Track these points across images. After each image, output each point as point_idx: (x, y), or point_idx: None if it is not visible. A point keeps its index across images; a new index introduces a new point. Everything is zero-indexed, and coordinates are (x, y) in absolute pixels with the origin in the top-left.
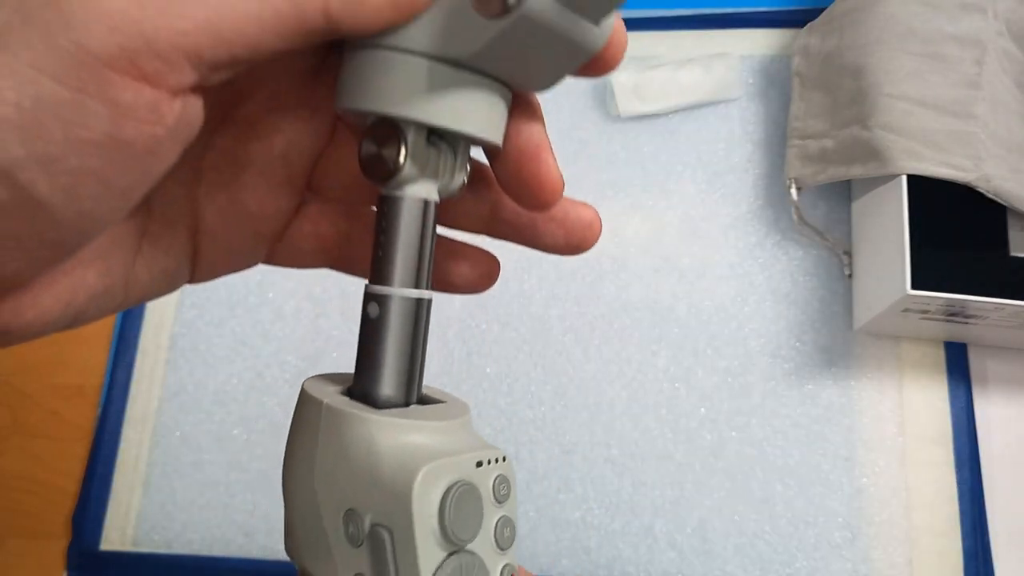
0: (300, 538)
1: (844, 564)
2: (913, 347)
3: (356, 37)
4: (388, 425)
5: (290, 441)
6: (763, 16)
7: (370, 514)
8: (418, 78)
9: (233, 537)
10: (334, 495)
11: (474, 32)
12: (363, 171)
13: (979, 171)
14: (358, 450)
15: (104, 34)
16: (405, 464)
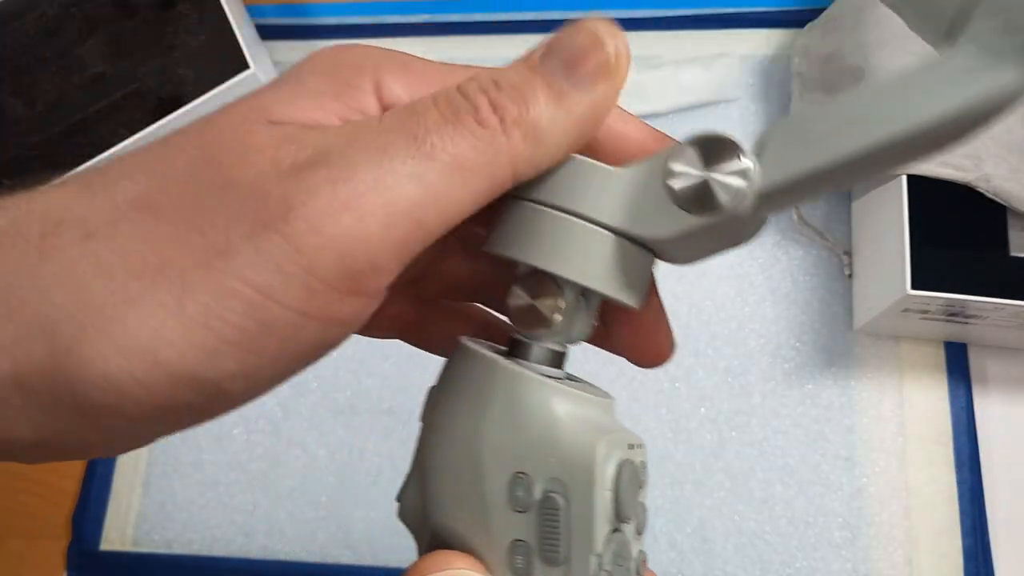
0: (446, 499)
1: (844, 564)
2: (913, 347)
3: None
4: (567, 393)
5: (446, 397)
6: (763, 16)
7: (542, 480)
8: (591, 245)
9: (233, 537)
10: (501, 457)
11: (669, 219)
12: (511, 317)
13: (979, 171)
14: (535, 415)
15: (332, 261)
16: (583, 434)
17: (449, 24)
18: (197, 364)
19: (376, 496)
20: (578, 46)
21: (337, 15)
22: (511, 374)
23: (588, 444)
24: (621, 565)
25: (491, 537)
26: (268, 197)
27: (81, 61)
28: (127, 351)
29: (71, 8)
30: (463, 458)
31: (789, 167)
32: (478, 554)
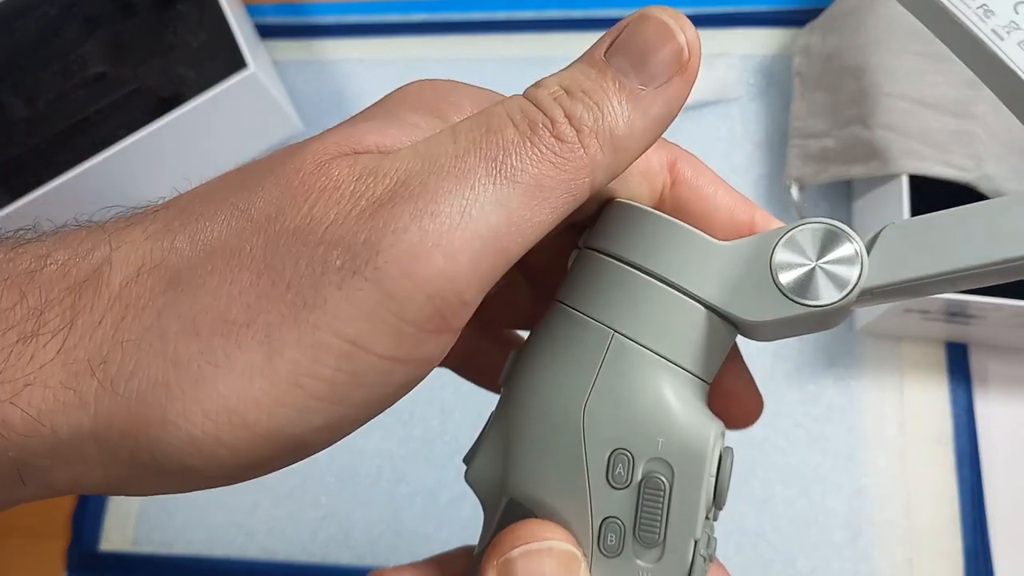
0: (536, 470)
1: (844, 564)
2: (914, 347)
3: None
4: (678, 374)
5: (547, 362)
6: (764, 15)
7: (645, 459)
8: (681, 318)
9: (233, 537)
10: (604, 430)
11: (770, 304)
12: None
13: (980, 171)
14: (646, 391)
15: (424, 302)
16: (698, 420)
17: (449, 23)
18: (286, 423)
19: (376, 496)
20: (647, 39)
21: (337, 14)
22: (621, 348)
23: (701, 430)
24: (711, 549)
25: (583, 512)
26: (353, 240)
27: (81, 61)
28: (214, 414)
29: (71, 8)
30: (561, 428)
31: (902, 270)
32: (567, 525)
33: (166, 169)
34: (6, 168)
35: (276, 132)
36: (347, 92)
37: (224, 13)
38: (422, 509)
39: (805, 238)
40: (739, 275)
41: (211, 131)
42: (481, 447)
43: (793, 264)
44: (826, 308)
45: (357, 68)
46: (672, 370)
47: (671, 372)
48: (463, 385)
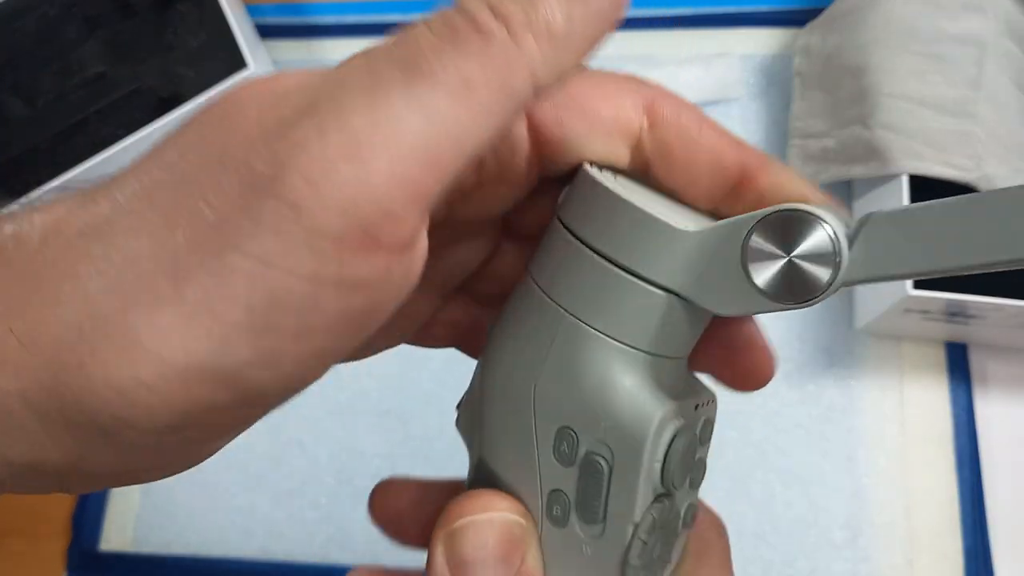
0: (494, 435)
1: (844, 564)
2: (914, 347)
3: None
4: (629, 356)
5: (511, 334)
6: (764, 15)
7: (589, 440)
8: (648, 308)
9: (233, 537)
10: (553, 407)
11: (741, 299)
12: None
13: (980, 171)
14: (593, 373)
15: (336, 215)
16: (642, 404)
17: None
18: (206, 355)
19: None
20: None
21: (336, 14)
22: (574, 327)
23: (643, 415)
24: (662, 529)
25: (533, 482)
26: (257, 160)
27: (81, 61)
28: (129, 354)
29: (71, 8)
30: (514, 401)
31: (887, 266)
32: (518, 494)
33: None
34: (6, 168)
35: None
36: None
37: (224, 13)
38: None
39: (778, 227)
40: (707, 266)
41: None
42: (465, 400)
43: (765, 257)
44: (801, 306)
45: None
46: (625, 352)
47: (623, 354)
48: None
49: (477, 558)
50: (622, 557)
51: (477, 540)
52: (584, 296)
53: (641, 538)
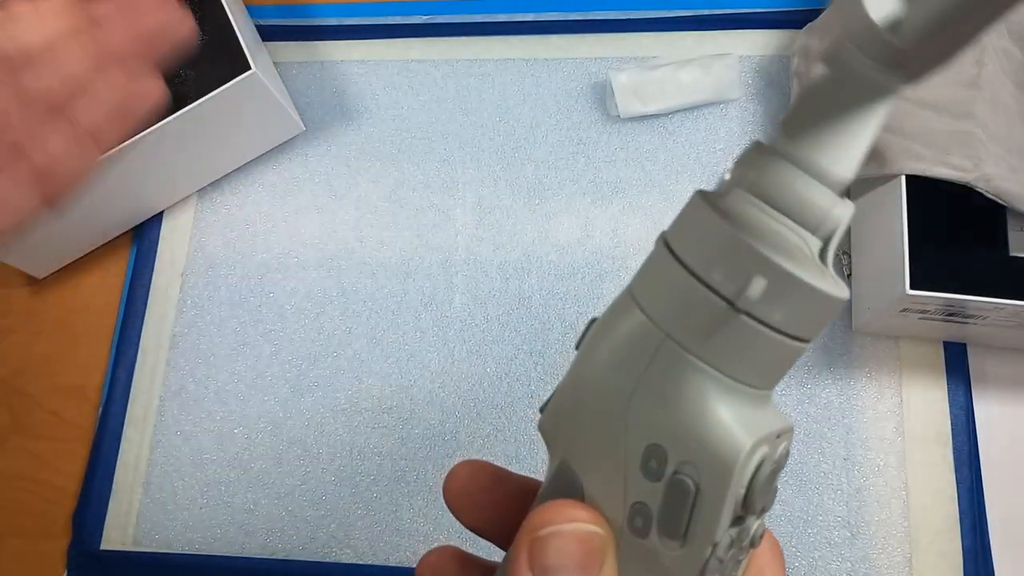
0: (583, 441)
1: (843, 564)
2: (912, 347)
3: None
4: (725, 385)
5: (609, 347)
6: (763, 16)
7: (678, 459)
8: (738, 332)
9: (234, 537)
10: (645, 424)
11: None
12: None
13: (978, 171)
14: (688, 398)
15: None
16: (732, 432)
17: (449, 25)
18: None
19: (376, 495)
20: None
21: (337, 16)
22: (674, 352)
23: (734, 444)
24: (738, 548)
25: (617, 492)
26: None
27: None
28: None
29: None
30: (607, 412)
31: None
32: (600, 501)
33: (167, 170)
34: None
35: (277, 133)
36: (348, 93)
37: (225, 14)
38: (422, 509)
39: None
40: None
41: (212, 132)
42: (551, 402)
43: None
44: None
45: (358, 69)
46: (719, 380)
47: (717, 382)
48: (463, 384)
49: (559, 565)
50: (698, 573)
51: (560, 548)
52: (686, 324)
53: (718, 556)
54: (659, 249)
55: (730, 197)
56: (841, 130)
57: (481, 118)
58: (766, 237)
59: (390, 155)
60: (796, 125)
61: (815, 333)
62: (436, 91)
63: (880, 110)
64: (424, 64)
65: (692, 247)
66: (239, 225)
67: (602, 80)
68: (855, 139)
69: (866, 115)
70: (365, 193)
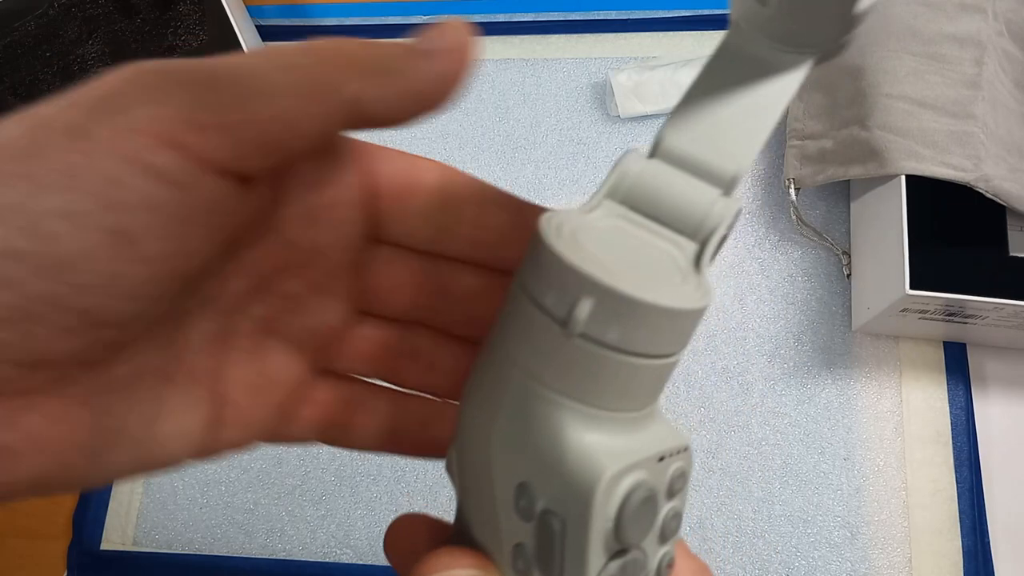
0: (466, 488)
1: (843, 564)
2: (912, 347)
3: (386, 125)
4: (580, 412)
5: (474, 383)
6: None
7: (544, 497)
8: (589, 360)
9: (234, 536)
10: (510, 464)
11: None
12: None
13: (978, 171)
14: (542, 431)
15: (144, 107)
16: (590, 462)
17: None
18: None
19: (376, 495)
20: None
21: (337, 15)
22: (523, 383)
23: (592, 473)
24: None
25: (498, 536)
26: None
27: (81, 61)
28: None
29: (71, 8)
30: (476, 453)
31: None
32: (486, 544)
33: None
34: None
35: None
36: None
37: (226, 14)
38: (422, 508)
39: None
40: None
41: None
42: (452, 446)
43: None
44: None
45: None
46: (573, 408)
47: (571, 411)
48: None
49: None
50: None
51: None
52: (532, 353)
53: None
54: (513, 284)
55: (597, 212)
56: (725, 117)
57: (481, 118)
58: (617, 251)
59: None
60: (679, 119)
61: (675, 346)
62: None
63: (769, 92)
64: None
65: (531, 273)
66: None
67: (602, 80)
68: (742, 127)
69: (753, 98)
70: None
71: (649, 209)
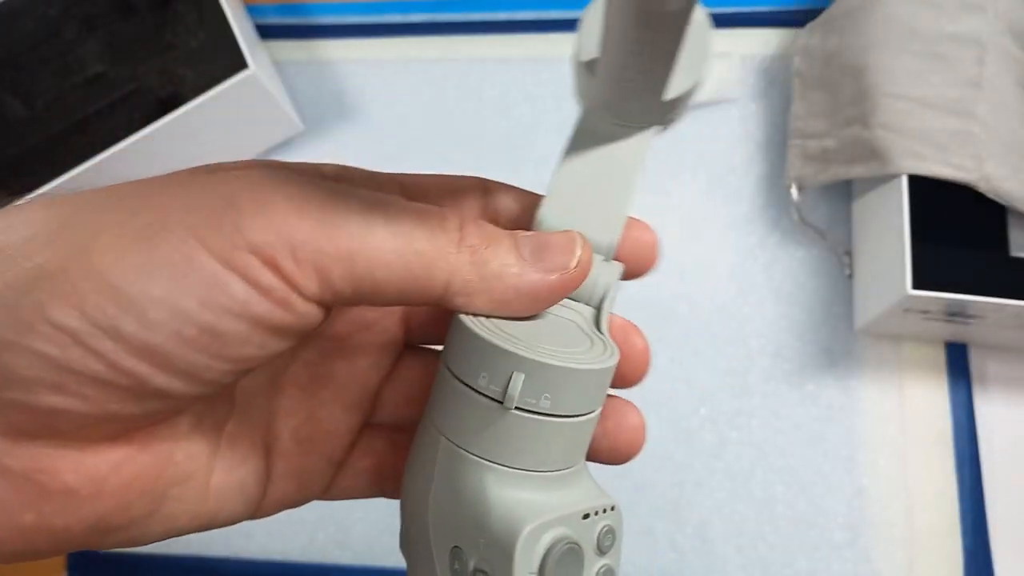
0: (410, 556)
1: (844, 564)
2: (914, 347)
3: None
4: (501, 472)
5: (412, 457)
6: (763, 16)
7: (475, 558)
8: (505, 425)
9: (233, 537)
10: (444, 528)
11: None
12: None
13: (980, 171)
14: (469, 493)
15: (259, 230)
16: (512, 518)
17: (449, 24)
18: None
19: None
20: (555, 240)
21: (337, 15)
22: (451, 452)
23: (511, 529)
24: None
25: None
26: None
27: (81, 61)
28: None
29: (71, 8)
30: (415, 520)
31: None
32: None
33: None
34: (5, 169)
35: (276, 133)
36: (347, 92)
37: (224, 13)
38: None
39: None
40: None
41: (211, 132)
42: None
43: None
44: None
45: (357, 68)
46: (501, 471)
47: (498, 474)
48: None
49: None
50: None
51: None
52: (455, 419)
53: None
54: (440, 367)
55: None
56: (591, 192)
57: (481, 118)
58: (529, 328)
59: (390, 155)
60: (554, 199)
61: (595, 404)
62: (436, 91)
63: (623, 163)
64: (424, 63)
65: (460, 359)
66: None
67: None
68: (607, 198)
69: (610, 171)
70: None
71: None
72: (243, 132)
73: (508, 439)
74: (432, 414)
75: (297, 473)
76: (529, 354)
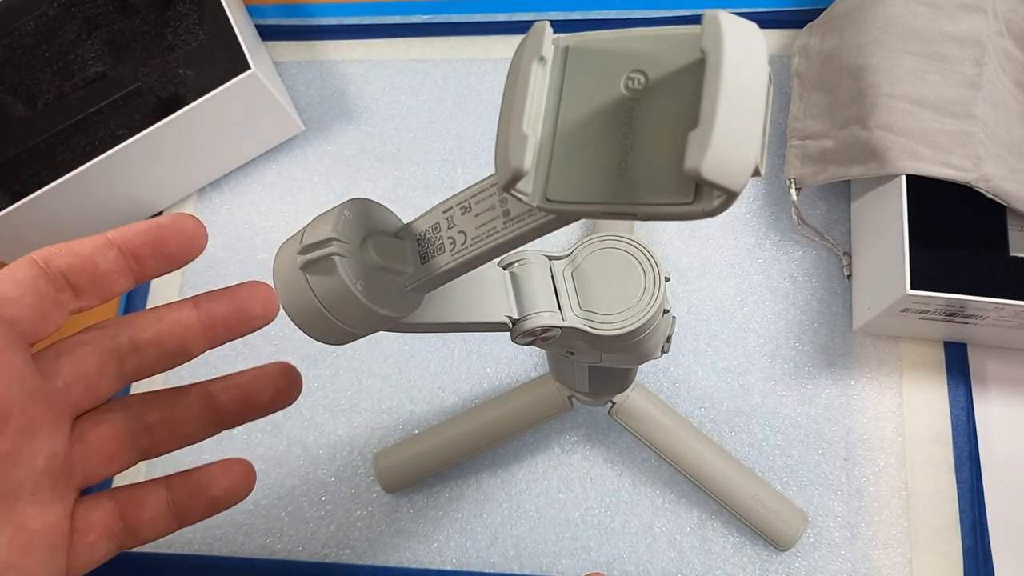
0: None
1: (844, 564)
2: (913, 347)
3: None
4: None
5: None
6: (763, 16)
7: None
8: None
9: (233, 537)
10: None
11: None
12: None
13: (979, 171)
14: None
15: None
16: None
17: (449, 25)
18: None
19: (376, 495)
20: None
21: (337, 15)
22: None
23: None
24: None
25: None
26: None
27: (81, 61)
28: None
29: (71, 8)
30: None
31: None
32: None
33: (166, 170)
34: (5, 169)
35: (277, 133)
36: (348, 93)
37: (225, 14)
38: (422, 509)
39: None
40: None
41: (212, 132)
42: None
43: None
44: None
45: (358, 69)
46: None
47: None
48: (462, 385)
49: None
50: None
51: None
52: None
53: None
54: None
55: None
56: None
57: (481, 118)
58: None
59: (390, 155)
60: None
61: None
62: (436, 91)
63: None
64: (424, 64)
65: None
66: (238, 225)
67: None
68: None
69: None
70: (365, 193)
71: None
72: (244, 132)
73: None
74: None
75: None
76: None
